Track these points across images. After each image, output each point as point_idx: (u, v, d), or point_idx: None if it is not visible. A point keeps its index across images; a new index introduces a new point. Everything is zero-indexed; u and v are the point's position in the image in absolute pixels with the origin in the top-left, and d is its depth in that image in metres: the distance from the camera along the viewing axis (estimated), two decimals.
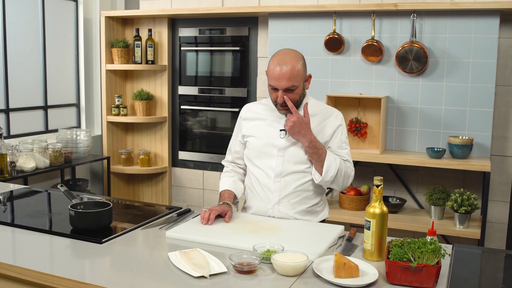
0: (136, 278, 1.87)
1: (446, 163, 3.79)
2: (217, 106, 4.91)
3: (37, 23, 4.63)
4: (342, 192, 4.18)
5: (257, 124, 2.66)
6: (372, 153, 3.99)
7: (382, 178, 2.07)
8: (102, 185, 5.16)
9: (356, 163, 4.33)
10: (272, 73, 2.46)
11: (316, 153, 2.49)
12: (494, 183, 4.05)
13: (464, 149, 3.80)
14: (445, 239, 4.08)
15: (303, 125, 2.47)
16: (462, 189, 3.81)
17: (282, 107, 2.51)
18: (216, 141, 4.98)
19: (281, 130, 2.58)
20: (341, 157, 2.58)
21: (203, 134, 5.07)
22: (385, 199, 4.16)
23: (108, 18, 4.95)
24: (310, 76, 2.58)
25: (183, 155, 5.12)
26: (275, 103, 2.52)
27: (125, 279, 1.87)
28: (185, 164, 5.12)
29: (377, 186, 2.07)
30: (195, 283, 1.81)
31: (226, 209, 2.50)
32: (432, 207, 3.91)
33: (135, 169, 5.02)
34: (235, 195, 2.68)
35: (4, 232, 2.33)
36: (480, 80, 3.90)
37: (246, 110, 2.75)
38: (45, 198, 3.02)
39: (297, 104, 2.53)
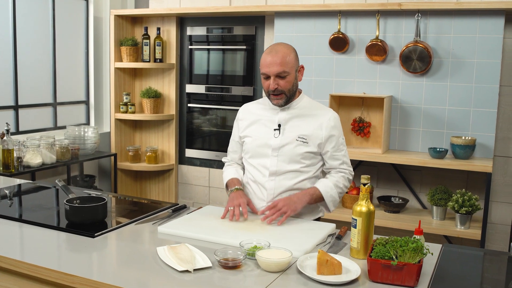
0: (122, 271, 1.91)
1: (448, 163, 3.78)
2: (224, 105, 4.95)
3: (47, 21, 4.71)
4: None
5: (253, 124, 2.69)
6: (374, 153, 3.99)
7: (369, 176, 2.08)
8: (109, 181, 5.23)
9: (359, 163, 4.34)
10: (264, 61, 2.51)
11: (313, 198, 2.55)
12: (498, 184, 4.02)
13: (467, 150, 3.79)
14: (448, 239, 4.07)
15: (291, 200, 2.47)
16: (464, 189, 3.80)
17: (274, 96, 2.54)
18: (222, 139, 5.01)
19: (275, 129, 2.60)
20: (338, 160, 2.62)
21: (209, 132, 5.11)
22: (387, 199, 4.16)
23: (118, 17, 5.02)
24: (302, 67, 2.62)
25: (189, 152, 5.17)
26: (268, 93, 2.56)
27: (110, 272, 1.91)
28: (192, 161, 5.17)
29: (364, 184, 2.08)
30: (179, 277, 1.84)
31: (246, 197, 2.57)
32: (434, 207, 3.90)
33: (142, 166, 5.08)
34: (241, 183, 2.73)
35: (3, 225, 2.39)
36: (485, 80, 3.88)
37: (243, 111, 2.78)
38: (47, 193, 3.08)
39: (290, 95, 2.56)
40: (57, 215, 2.59)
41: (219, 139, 5.04)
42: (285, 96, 2.55)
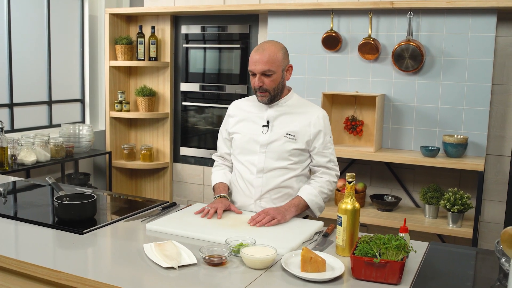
0: (108, 267, 1.93)
1: (440, 161, 3.79)
2: (218, 103, 4.96)
3: (42, 19, 4.72)
4: (337, 190, 4.20)
5: (242, 121, 2.71)
6: (367, 151, 4.00)
7: (354, 174, 2.10)
8: (104, 179, 5.24)
9: (352, 161, 4.35)
10: (251, 58, 2.55)
11: (299, 208, 2.55)
12: (490, 182, 4.03)
13: (459, 148, 3.80)
14: (440, 238, 4.08)
15: (280, 210, 2.46)
16: (456, 188, 3.81)
17: (260, 93, 2.56)
18: (216, 137, 4.96)
19: (263, 126, 2.62)
20: (325, 158, 2.64)
21: (204, 130, 5.13)
22: (380, 197, 4.17)
23: (112, 15, 5.03)
24: (291, 67, 2.63)
25: (184, 150, 5.18)
26: (255, 90, 2.57)
27: (96, 268, 1.93)
28: (186, 159, 5.19)
29: (349, 182, 2.10)
30: (164, 273, 1.86)
31: (227, 203, 2.56)
32: (427, 206, 3.91)
33: (137, 164, 5.09)
34: (228, 187, 2.74)
35: None
36: (477, 79, 3.89)
37: (233, 107, 2.80)
38: (41, 190, 3.09)
39: (276, 93, 2.57)
40: (52, 213, 2.60)
41: (214, 137, 5.04)
42: (269, 95, 2.56)
